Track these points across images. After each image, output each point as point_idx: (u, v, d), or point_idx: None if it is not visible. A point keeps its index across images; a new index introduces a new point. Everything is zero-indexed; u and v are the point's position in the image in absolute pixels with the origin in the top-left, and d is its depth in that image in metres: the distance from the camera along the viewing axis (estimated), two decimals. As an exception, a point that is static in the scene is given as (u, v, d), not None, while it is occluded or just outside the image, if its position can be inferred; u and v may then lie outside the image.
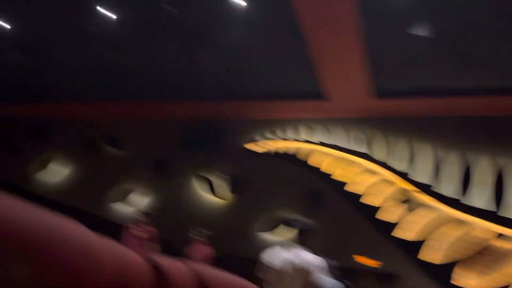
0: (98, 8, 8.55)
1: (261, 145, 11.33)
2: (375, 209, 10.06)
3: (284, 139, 11.17)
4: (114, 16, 8.70)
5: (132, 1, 8.38)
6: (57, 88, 12.12)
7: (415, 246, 9.49)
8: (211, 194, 11.52)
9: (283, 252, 3.16)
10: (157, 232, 6.54)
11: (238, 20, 8.08)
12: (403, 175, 10.01)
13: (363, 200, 10.16)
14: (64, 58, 10.68)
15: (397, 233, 9.70)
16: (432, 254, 9.26)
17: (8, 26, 9.77)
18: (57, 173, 13.44)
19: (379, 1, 7.13)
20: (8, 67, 11.18)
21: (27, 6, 9.05)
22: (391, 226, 9.85)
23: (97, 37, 9.49)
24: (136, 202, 11.93)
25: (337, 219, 9.86)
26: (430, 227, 9.42)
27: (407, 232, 9.61)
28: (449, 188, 9.54)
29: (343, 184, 10.43)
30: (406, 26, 7.41)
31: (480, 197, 9.20)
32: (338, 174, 10.48)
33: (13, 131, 14.51)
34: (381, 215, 9.94)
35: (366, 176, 10.30)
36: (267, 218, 10.80)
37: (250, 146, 11.41)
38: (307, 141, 10.90)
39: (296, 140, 11.07)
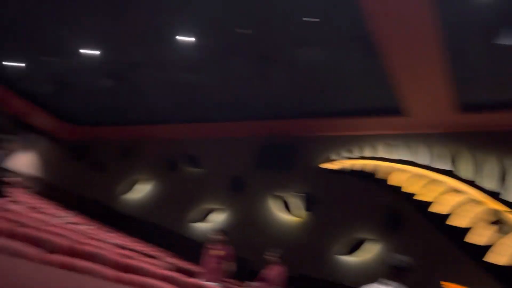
0: (177, 36, 9.01)
1: (337, 163, 11.10)
2: (462, 231, 9.35)
3: (361, 157, 10.84)
4: (190, 40, 9.12)
5: (207, 26, 8.70)
6: (141, 111, 12.96)
7: (509, 271, 8.66)
8: (286, 212, 11.45)
9: None
10: (233, 250, 6.59)
11: (313, 38, 8.08)
12: (493, 195, 9.22)
13: (449, 221, 9.49)
14: (147, 83, 11.38)
15: (489, 257, 8.92)
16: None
17: (97, 54, 10.62)
18: (141, 192, 14.21)
19: (460, 12, 6.74)
20: (98, 93, 12.14)
21: (115, 36, 9.78)
22: (481, 249, 9.08)
23: (177, 62, 9.99)
24: (214, 220, 12.23)
25: (420, 241, 9.32)
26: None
27: (500, 256, 8.81)
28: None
29: (425, 204, 9.83)
30: (490, 37, 6.91)
31: None
32: (420, 193, 9.90)
33: (102, 152, 15.69)
34: (470, 238, 9.21)
35: (451, 196, 9.63)
36: (343, 238, 10.49)
37: (326, 164, 11.22)
38: (385, 159, 10.47)
39: (373, 157, 10.68)
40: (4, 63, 12.47)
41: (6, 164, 5.07)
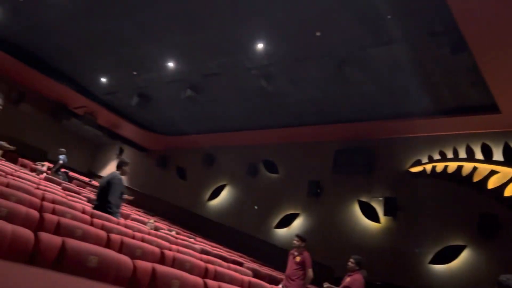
0: (252, 44, 9.15)
1: (421, 165, 10.49)
2: None
3: (448, 158, 10.12)
4: (265, 47, 9.21)
5: (281, 32, 8.72)
6: (220, 119, 13.34)
7: None
8: (367, 217, 11.03)
9: None
10: (311, 256, 6.48)
11: (394, 35, 7.76)
12: None
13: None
14: (224, 91, 11.68)
15: None
16: None
17: (177, 66, 11.11)
18: (221, 197, 14.57)
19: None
20: (179, 104, 12.69)
21: (192, 49, 10.16)
22: None
23: (253, 70, 10.12)
24: (293, 226, 12.17)
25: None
26: None
27: None
28: None
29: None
30: None
31: None
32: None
33: (184, 160, 16.38)
34: None
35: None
36: (431, 244, 9.84)
37: (414, 167, 10.65)
38: (476, 159, 9.65)
39: (462, 159, 9.92)
40: (94, 79, 13.54)
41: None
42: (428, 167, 10.32)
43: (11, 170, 7.07)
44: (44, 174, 10.73)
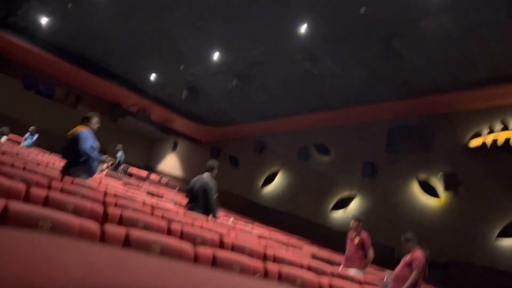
0: (295, 27, 9.04)
1: (481, 138, 9.95)
2: None
3: (510, 129, 9.53)
4: (309, 29, 9.07)
5: (324, 13, 8.53)
6: (268, 105, 13.35)
7: None
8: (426, 195, 10.66)
9: None
10: (370, 237, 6.37)
11: (438, 5, 7.38)
12: None
13: None
14: (271, 78, 11.65)
15: None
16: None
17: (222, 57, 11.22)
18: (275, 183, 14.65)
19: None
20: (228, 94, 12.82)
21: (236, 38, 10.20)
22: None
23: (297, 53, 10.00)
24: (349, 208, 12.03)
25: None
26: None
27: None
28: None
29: None
30: None
31: None
32: None
33: (236, 148, 16.58)
34: None
35: None
36: (496, 220, 9.37)
37: (473, 141, 10.15)
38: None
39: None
40: (144, 77, 13.96)
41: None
42: (489, 139, 9.79)
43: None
44: (105, 171, 11.27)
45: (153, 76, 13.85)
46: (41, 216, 1.54)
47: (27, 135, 11.40)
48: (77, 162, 4.79)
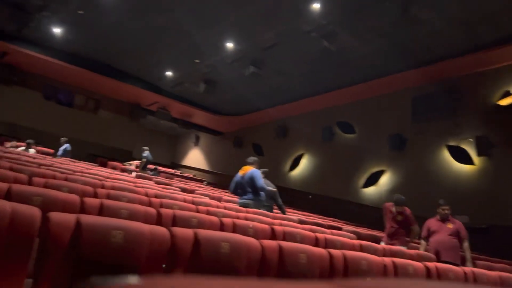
0: (307, 6, 8.87)
1: (511, 96, 9.65)
2: None
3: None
4: (318, 6, 8.89)
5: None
6: (287, 89, 13.22)
7: None
8: (459, 161, 10.41)
9: None
10: (410, 211, 6.26)
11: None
12: None
13: None
14: (286, 61, 11.51)
15: None
16: None
17: (235, 45, 11.12)
18: (303, 166, 14.58)
19: None
20: (244, 82, 12.74)
21: (246, 24, 10.09)
22: None
23: (311, 32, 9.82)
24: (382, 183, 11.90)
25: None
26: None
27: None
28: None
29: None
30: None
31: None
32: None
33: (259, 136, 16.54)
34: None
35: None
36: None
37: (498, 100, 9.86)
38: None
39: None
40: (160, 74, 13.98)
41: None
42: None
43: (107, 174, 7.55)
44: (134, 173, 11.38)
45: (169, 73, 13.85)
46: (114, 227, 1.52)
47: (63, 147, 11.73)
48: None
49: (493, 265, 5.28)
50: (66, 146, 11.70)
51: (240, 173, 6.22)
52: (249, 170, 6.11)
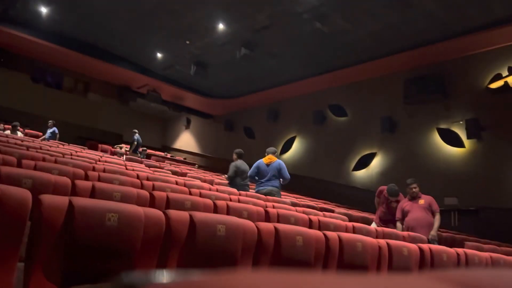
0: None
1: (502, 79, 9.69)
2: None
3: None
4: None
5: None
6: (278, 72, 13.12)
7: None
8: (449, 143, 10.48)
9: None
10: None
11: None
12: None
13: None
14: (278, 44, 11.39)
15: None
16: None
17: (225, 28, 10.97)
18: (294, 149, 14.58)
19: None
20: (236, 65, 12.62)
21: (238, 7, 9.93)
22: None
23: (303, 14, 9.72)
24: (372, 166, 11.96)
25: None
26: None
27: None
28: None
29: None
30: None
31: None
32: None
33: (250, 119, 16.48)
34: None
35: None
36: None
37: (488, 83, 9.90)
38: None
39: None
40: (151, 56, 13.78)
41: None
42: (510, 79, 9.54)
43: (97, 157, 7.48)
44: (124, 156, 11.31)
45: (159, 55, 13.65)
46: (108, 209, 1.49)
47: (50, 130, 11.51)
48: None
49: (482, 246, 5.34)
50: (54, 129, 11.53)
51: (265, 161, 6.39)
52: (274, 160, 6.36)
